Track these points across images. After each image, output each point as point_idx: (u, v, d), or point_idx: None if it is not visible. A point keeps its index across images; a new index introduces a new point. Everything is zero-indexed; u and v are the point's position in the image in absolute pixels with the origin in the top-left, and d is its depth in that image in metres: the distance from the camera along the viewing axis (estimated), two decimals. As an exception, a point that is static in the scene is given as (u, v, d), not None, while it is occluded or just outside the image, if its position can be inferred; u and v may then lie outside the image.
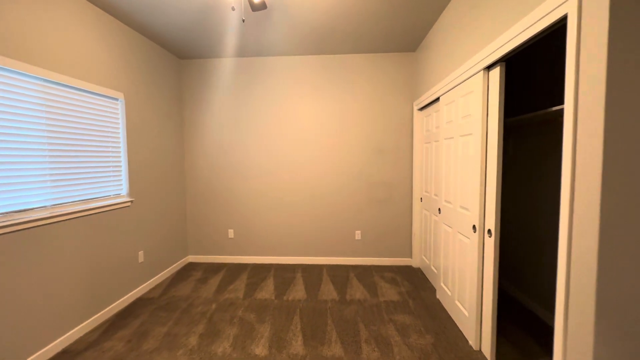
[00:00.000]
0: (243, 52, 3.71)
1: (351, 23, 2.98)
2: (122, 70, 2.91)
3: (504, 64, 1.89)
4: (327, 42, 3.43)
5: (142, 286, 3.16)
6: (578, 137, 1.21)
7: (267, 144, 3.94)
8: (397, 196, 3.87)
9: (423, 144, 3.58)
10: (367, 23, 2.98)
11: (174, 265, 3.79)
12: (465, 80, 2.29)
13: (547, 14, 1.38)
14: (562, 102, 2.30)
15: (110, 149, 2.79)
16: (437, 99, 3.00)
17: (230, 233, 4.05)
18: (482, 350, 2.13)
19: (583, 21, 1.18)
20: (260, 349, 2.22)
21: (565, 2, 1.26)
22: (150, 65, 3.33)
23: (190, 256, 4.12)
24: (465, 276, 2.31)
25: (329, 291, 3.16)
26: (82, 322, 2.43)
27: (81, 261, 2.44)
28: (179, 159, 3.91)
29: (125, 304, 2.91)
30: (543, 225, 2.59)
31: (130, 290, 3.00)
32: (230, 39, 3.34)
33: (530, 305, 2.73)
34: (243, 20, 2.19)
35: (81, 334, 2.42)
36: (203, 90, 3.96)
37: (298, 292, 3.15)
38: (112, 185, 2.82)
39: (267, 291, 3.18)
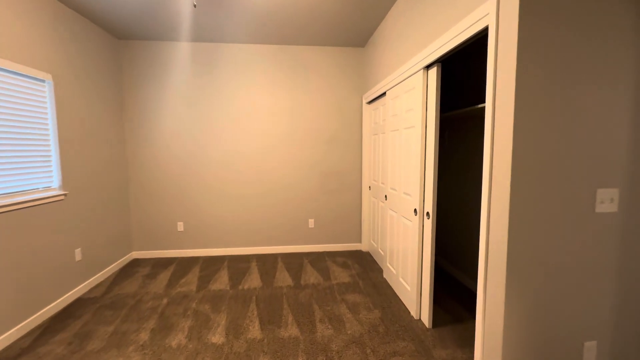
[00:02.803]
0: (194, 36, 3.54)
1: (304, 15, 3.03)
2: (49, 50, 2.61)
3: (440, 64, 2.12)
4: (282, 32, 3.43)
5: (81, 286, 2.92)
6: (495, 130, 1.45)
7: (219, 134, 3.84)
8: (347, 185, 4.07)
9: (371, 136, 3.81)
10: (320, 16, 3.05)
11: (118, 262, 3.55)
12: (408, 77, 2.50)
13: (472, 24, 1.60)
14: (487, 100, 2.63)
15: (37, 137, 2.51)
16: (384, 94, 3.22)
17: (180, 226, 3.90)
18: (422, 318, 2.41)
19: (500, 33, 1.40)
20: (217, 337, 2.24)
21: (485, 15, 1.48)
22: (83, 45, 3.01)
23: (135, 252, 3.88)
24: (408, 255, 2.57)
25: (284, 278, 3.25)
26: (11, 328, 2.20)
27: (5, 262, 2.19)
28: (119, 148, 3.63)
29: (63, 305, 2.68)
30: (472, 208, 2.97)
31: (68, 291, 2.76)
32: (180, 22, 3.16)
33: (461, 277, 3.14)
34: (195, 6, 2.10)
35: (11, 341, 2.19)
36: (147, 75, 3.69)
37: (253, 281, 3.19)
38: (41, 177, 2.55)
39: (221, 282, 3.16)
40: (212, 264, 3.68)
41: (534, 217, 1.38)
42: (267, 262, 3.70)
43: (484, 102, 2.65)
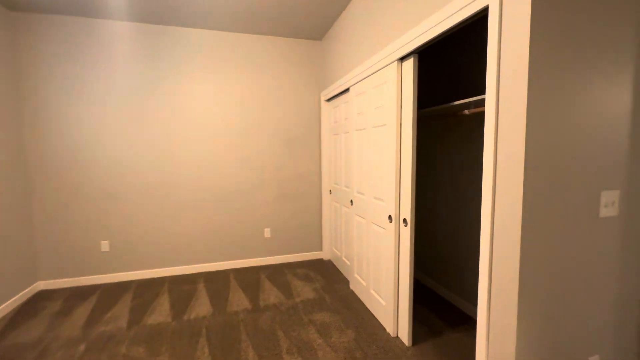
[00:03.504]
0: (128, 14, 2.89)
1: (258, 1, 2.64)
2: None
3: (417, 55, 1.92)
4: (234, 19, 2.98)
5: (-48, 339, 2.13)
6: (499, 130, 1.26)
7: (156, 132, 3.22)
8: (306, 189, 3.75)
9: (331, 136, 3.54)
10: (274, 4, 2.69)
11: (15, 297, 2.73)
12: (377, 71, 2.28)
13: (466, 5, 1.40)
14: (472, 93, 2.53)
15: None
16: (347, 90, 2.97)
17: (105, 245, 3.18)
18: (399, 335, 2.19)
19: (504, 12, 1.21)
20: (156, 393, 1.74)
21: (485, -7, 1.29)
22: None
23: (41, 282, 3.06)
24: (381, 266, 2.34)
25: (239, 299, 2.80)
26: None
27: None
28: (16, 147, 2.81)
29: None
30: (448, 214, 2.87)
31: None
32: (93, -9, 2.52)
33: (434, 286, 3.03)
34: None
35: None
36: (56, 56, 2.93)
37: (202, 306, 2.68)
38: None
39: (161, 312, 2.60)
40: (148, 288, 3.05)
41: (545, 226, 1.21)
42: (217, 281, 3.20)
43: (458, 98, 2.55)
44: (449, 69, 2.67)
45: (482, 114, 2.30)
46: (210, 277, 3.30)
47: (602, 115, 1.26)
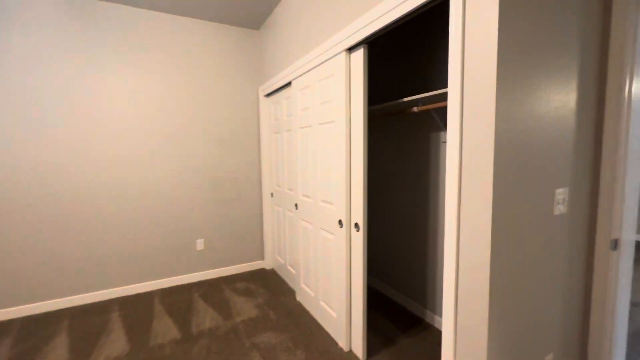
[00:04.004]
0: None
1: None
2: None
3: (367, 45, 1.78)
4: (143, -12, 2.48)
5: None
6: (464, 128, 1.15)
7: (52, 126, 2.53)
8: (245, 193, 3.39)
9: (272, 134, 3.26)
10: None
11: None
12: (323, 63, 2.08)
13: (424, -12, 1.27)
14: (429, 87, 2.47)
15: None
16: (289, 84, 2.73)
17: (-29, 276, 2.39)
18: (353, 349, 2.03)
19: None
20: None
21: (446, -25, 1.17)
22: None
23: None
24: (332, 275, 2.15)
25: (165, 328, 2.34)
26: None
27: None
28: None
29: None
30: (398, 217, 2.81)
31: None
32: None
33: (384, 288, 2.96)
34: None
35: None
36: None
37: (114, 343, 2.16)
38: None
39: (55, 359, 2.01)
40: (39, 328, 2.38)
41: (511, 226, 1.14)
42: (137, 308, 2.66)
43: (415, 93, 2.48)
44: (404, 61, 2.61)
45: (431, 111, 2.28)
46: (128, 303, 2.74)
47: (551, 116, 1.24)
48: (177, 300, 2.78)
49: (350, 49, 1.84)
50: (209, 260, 3.26)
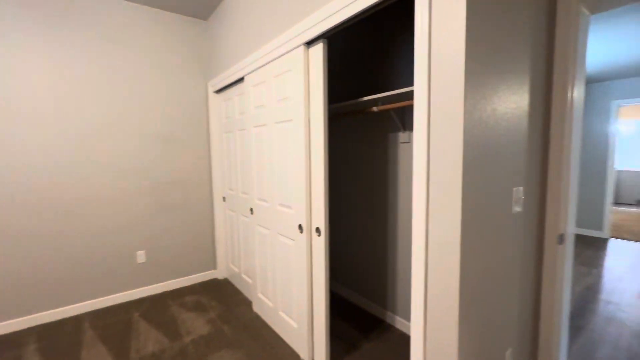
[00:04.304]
0: None
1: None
2: None
3: (326, 40, 1.68)
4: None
5: None
6: (432, 127, 1.10)
7: None
8: (194, 197, 3.10)
9: (223, 134, 3.02)
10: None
11: None
12: (279, 57, 1.94)
13: (388, -20, 1.21)
14: (391, 86, 2.43)
15: None
16: (241, 80, 2.53)
17: None
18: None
19: (435, -10, 1.06)
20: None
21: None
22: None
23: None
24: (292, 283, 2.02)
25: (97, 359, 2.01)
26: None
27: None
28: None
29: None
30: (357, 218, 2.76)
31: None
32: None
33: (342, 290, 2.90)
34: None
35: None
36: None
37: (30, 385, 1.79)
38: None
39: (-57, 415, 1.59)
40: None
41: (478, 226, 1.12)
42: (61, 337, 2.25)
43: (378, 91, 2.44)
44: (364, 59, 2.57)
45: (390, 111, 2.26)
46: (50, 332, 2.31)
47: (509, 117, 1.26)
48: (113, 323, 2.42)
49: (309, 43, 1.74)
50: (152, 274, 2.91)
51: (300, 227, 1.88)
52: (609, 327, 2.39)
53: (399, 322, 2.31)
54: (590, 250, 4.29)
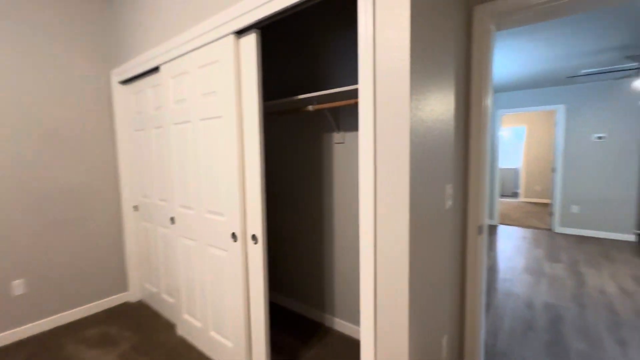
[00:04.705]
0: None
1: None
2: None
3: (259, 31, 1.55)
4: None
5: None
6: (378, 126, 1.08)
7: None
8: (95, 208, 2.58)
9: (133, 132, 2.59)
10: None
11: None
12: (205, 46, 1.73)
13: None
14: (328, 84, 2.35)
15: None
16: (156, 69, 2.20)
17: None
18: (255, 380, 1.76)
19: (379, -14, 1.04)
20: None
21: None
22: None
23: None
24: (225, 298, 1.82)
25: None
26: None
27: None
28: None
29: None
30: (299, 219, 2.64)
31: None
32: None
33: (287, 302, 2.76)
34: None
35: None
36: None
37: None
38: None
39: None
40: None
41: (420, 224, 1.14)
42: None
43: (319, 88, 2.34)
44: (300, 55, 2.46)
45: (324, 110, 2.23)
46: None
47: (442, 118, 1.34)
48: (-24, 381, 1.83)
49: (240, 33, 1.58)
50: (36, 307, 2.31)
51: (233, 235, 1.70)
52: (508, 301, 2.81)
53: (338, 324, 2.30)
54: (487, 235, 5.05)
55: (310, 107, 1.93)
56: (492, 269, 3.59)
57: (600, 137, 4.80)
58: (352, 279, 2.19)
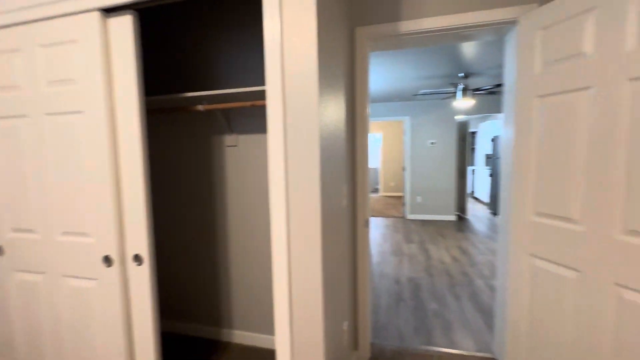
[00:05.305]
0: None
1: None
2: None
3: (137, 13, 1.31)
4: None
5: None
6: (288, 131, 1.09)
7: None
8: None
9: None
10: None
11: None
12: (53, 19, 1.33)
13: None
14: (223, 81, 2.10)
15: None
16: (-42, 39, 1.54)
17: None
18: None
19: (286, -7, 1.05)
20: None
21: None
22: None
23: None
24: (95, 342, 1.45)
25: None
26: None
27: None
28: None
29: None
30: (188, 232, 2.30)
31: None
32: None
33: (182, 327, 2.38)
34: None
35: None
36: None
37: None
38: None
39: None
40: None
41: (329, 225, 1.22)
42: None
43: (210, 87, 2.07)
44: (188, 50, 2.15)
45: (216, 111, 2.06)
46: None
47: (337, 124, 1.46)
48: None
49: (108, 11, 1.29)
50: None
51: (107, 259, 1.38)
52: (382, 281, 3.31)
53: (236, 335, 2.18)
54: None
55: (200, 107, 1.76)
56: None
57: (433, 143, 6.24)
58: (253, 286, 2.13)
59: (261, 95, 1.72)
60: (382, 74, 4.11)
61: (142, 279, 1.40)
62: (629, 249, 1.13)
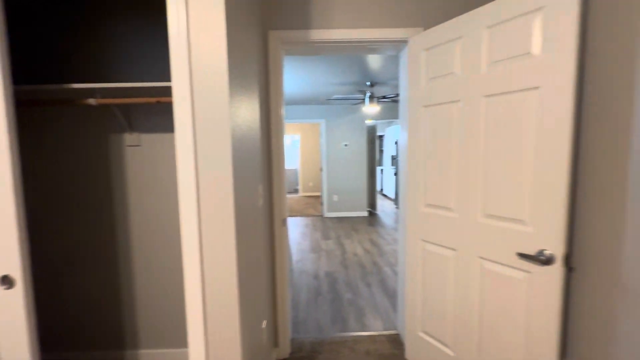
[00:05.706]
0: None
1: None
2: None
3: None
4: None
5: None
6: (197, 131, 1.05)
7: None
8: None
9: None
10: None
11: None
12: None
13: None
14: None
15: None
16: None
17: None
18: None
19: (192, -12, 1.01)
20: None
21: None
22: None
23: None
24: (-58, 391, 1.14)
25: None
26: None
27: None
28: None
29: None
30: (86, 249, 1.92)
31: None
32: None
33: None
34: None
35: None
36: None
37: None
38: None
39: None
40: None
41: (243, 226, 1.22)
42: None
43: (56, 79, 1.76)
44: (78, 33, 1.79)
45: (112, 107, 1.82)
46: None
47: (252, 125, 1.47)
48: None
49: (-44, -25, 1.03)
50: None
51: (-41, 286, 1.10)
52: (302, 277, 3.42)
53: (144, 356, 1.97)
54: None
55: (92, 100, 1.54)
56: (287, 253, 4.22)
57: (346, 145, 6.69)
58: (160, 295, 1.95)
59: (168, 91, 1.61)
60: (300, 76, 4.23)
61: (14, 306, 1.16)
62: (487, 229, 1.44)
